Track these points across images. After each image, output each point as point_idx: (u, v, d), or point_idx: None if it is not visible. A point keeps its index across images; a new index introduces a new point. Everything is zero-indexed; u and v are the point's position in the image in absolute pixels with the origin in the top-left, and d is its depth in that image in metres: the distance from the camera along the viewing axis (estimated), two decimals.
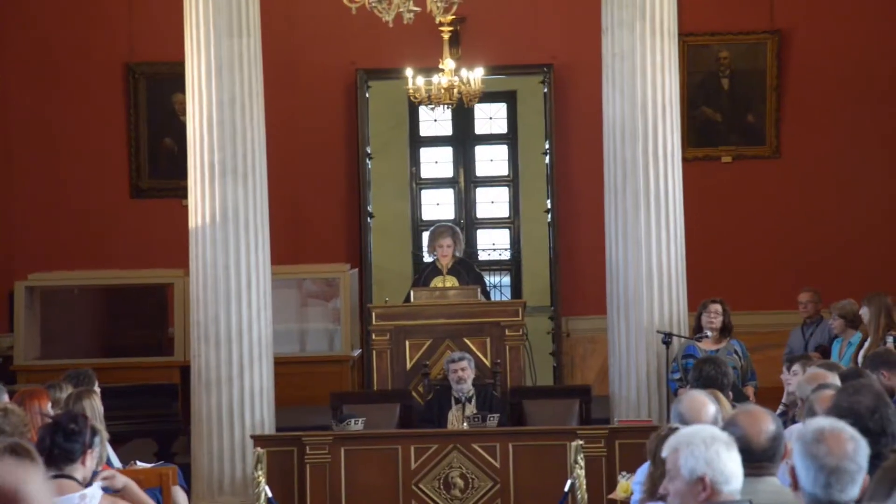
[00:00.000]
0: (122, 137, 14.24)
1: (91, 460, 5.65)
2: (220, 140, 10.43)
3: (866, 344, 9.75)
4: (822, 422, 3.99)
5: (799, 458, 3.86)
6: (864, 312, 9.79)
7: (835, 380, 5.57)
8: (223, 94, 10.44)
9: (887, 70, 14.03)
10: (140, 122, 14.19)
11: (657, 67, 10.60)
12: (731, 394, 7.52)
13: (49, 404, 7.33)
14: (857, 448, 3.86)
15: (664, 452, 3.99)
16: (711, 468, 3.86)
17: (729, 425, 4.58)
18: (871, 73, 14.04)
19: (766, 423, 4.62)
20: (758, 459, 4.53)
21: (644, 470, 5.71)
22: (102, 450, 6.91)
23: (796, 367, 7.98)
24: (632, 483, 6.15)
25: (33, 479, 3.04)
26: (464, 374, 10.20)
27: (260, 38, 10.67)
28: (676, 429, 4.55)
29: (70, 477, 5.47)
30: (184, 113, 10.96)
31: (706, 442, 3.89)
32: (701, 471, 3.86)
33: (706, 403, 5.47)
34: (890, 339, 9.12)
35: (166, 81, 13.88)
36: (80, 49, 14.16)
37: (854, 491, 3.86)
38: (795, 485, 3.90)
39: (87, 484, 5.62)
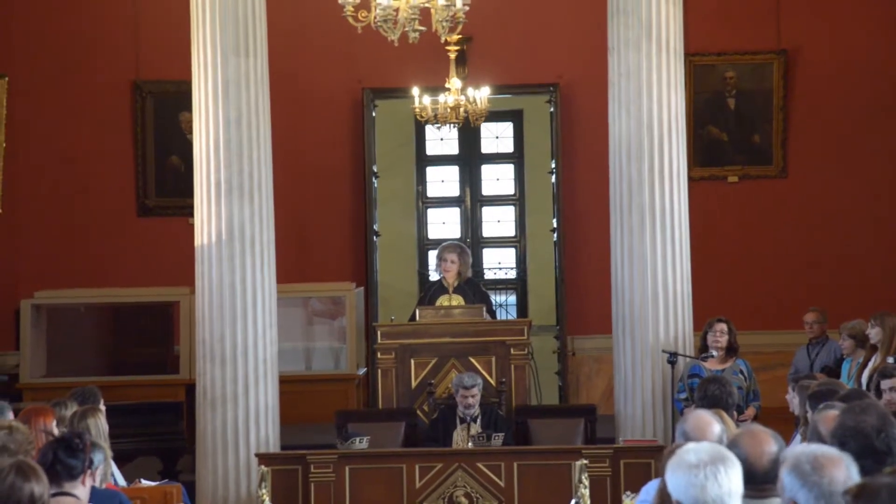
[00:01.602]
0: (128, 156, 14.27)
1: (91, 480, 5.65)
2: (227, 158, 10.45)
3: (871, 363, 9.72)
4: (813, 449, 3.98)
5: (802, 491, 3.85)
6: (875, 332, 9.75)
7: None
8: (230, 113, 10.45)
9: (893, 90, 14.04)
10: (147, 141, 14.23)
11: (663, 87, 10.61)
12: (735, 414, 7.50)
13: (54, 422, 7.32)
14: (848, 467, 3.87)
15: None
16: None
17: (731, 446, 4.56)
18: (876, 93, 14.05)
19: (768, 444, 4.60)
20: (761, 481, 4.51)
21: (648, 489, 5.71)
22: (107, 467, 6.91)
23: (791, 391, 7.98)
24: (636, 502, 6.13)
25: None
26: (473, 401, 10.19)
27: (267, 57, 10.69)
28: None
29: (71, 494, 5.46)
30: (190, 131, 10.98)
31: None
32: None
33: (711, 423, 5.46)
34: (890, 360, 9.09)
35: (173, 100, 13.92)
36: (87, 67, 14.20)
37: None
38: None
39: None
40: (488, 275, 16.49)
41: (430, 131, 15.71)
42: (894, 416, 5.02)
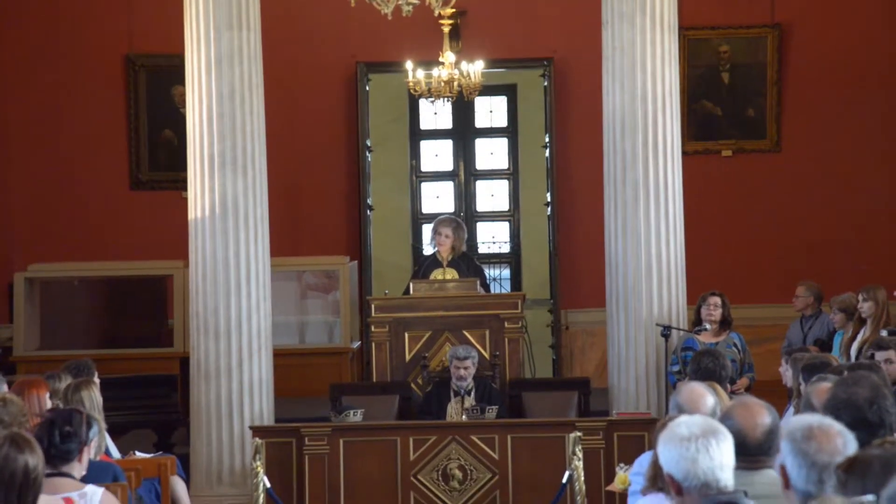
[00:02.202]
0: (121, 129, 14.24)
1: (88, 455, 5.65)
2: (220, 132, 10.44)
3: (859, 336, 9.75)
4: (810, 419, 3.98)
5: (790, 457, 3.85)
6: (868, 305, 9.76)
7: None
8: (223, 87, 10.44)
9: (887, 63, 14.03)
10: (140, 115, 14.20)
11: (657, 61, 10.60)
12: (728, 386, 7.53)
13: (48, 394, 7.33)
14: (847, 443, 3.87)
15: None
16: None
17: (725, 418, 4.58)
18: (871, 67, 14.04)
19: (761, 416, 4.61)
20: (754, 453, 4.53)
21: (642, 461, 5.72)
22: (101, 440, 6.93)
23: (784, 364, 8.01)
24: (629, 474, 6.15)
25: None
26: (465, 373, 10.21)
27: (260, 30, 10.67)
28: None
29: (68, 475, 5.47)
30: (184, 105, 10.96)
31: None
32: None
33: (704, 395, 5.47)
34: (884, 333, 9.11)
35: (166, 74, 13.88)
36: (79, 41, 14.15)
37: None
38: (787, 483, 3.89)
39: (84, 477, 5.63)
40: (482, 249, 16.47)
41: (424, 105, 15.66)
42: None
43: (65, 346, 12.56)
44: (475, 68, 12.83)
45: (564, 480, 8.86)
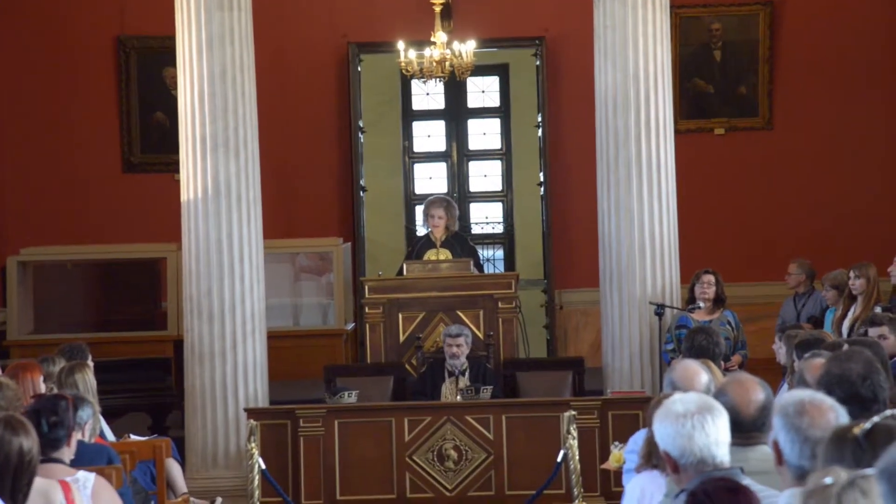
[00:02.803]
0: (113, 112, 14.20)
1: (76, 439, 5.64)
2: (212, 113, 10.41)
3: (850, 313, 9.75)
4: (802, 394, 3.98)
5: (782, 433, 3.85)
6: (861, 283, 9.75)
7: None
8: (214, 68, 10.41)
9: (879, 41, 14.02)
10: (131, 97, 14.15)
11: (649, 39, 10.59)
12: (722, 363, 7.53)
13: (41, 378, 7.33)
14: (839, 417, 3.87)
15: None
16: None
17: (719, 395, 4.58)
18: (863, 44, 14.02)
19: (755, 392, 4.62)
20: (748, 429, 4.53)
21: (636, 438, 5.73)
22: (96, 422, 6.93)
23: (778, 341, 8.01)
24: (624, 452, 6.16)
25: None
26: (458, 351, 10.22)
27: (251, 11, 10.64)
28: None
29: (58, 460, 5.46)
30: (175, 87, 10.93)
31: None
32: None
33: (699, 372, 5.48)
34: (878, 310, 9.12)
35: (157, 55, 13.84)
36: (71, 24, 14.10)
37: None
38: (779, 459, 3.89)
39: (78, 460, 5.62)
40: (475, 229, 16.47)
41: (416, 86, 15.64)
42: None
43: (58, 330, 12.55)
44: (467, 48, 12.79)
45: (559, 459, 8.88)
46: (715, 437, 4.01)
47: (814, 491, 2.92)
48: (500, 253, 16.53)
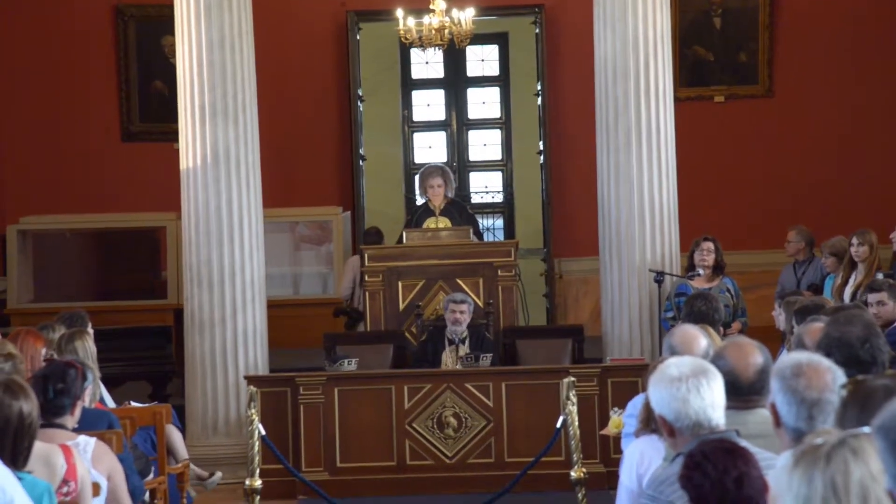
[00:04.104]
0: (112, 81, 14.18)
1: (80, 408, 5.66)
2: (211, 81, 10.38)
3: (851, 280, 9.75)
4: (799, 356, 3.97)
5: (779, 394, 3.85)
6: (863, 250, 9.74)
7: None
8: (213, 35, 10.38)
9: (879, 8, 13.97)
10: (130, 66, 14.12)
11: (648, 6, 10.55)
12: (722, 329, 7.54)
13: (43, 347, 7.33)
14: (836, 378, 3.86)
15: None
16: None
17: (717, 358, 4.58)
18: (863, 12, 13.98)
19: (753, 356, 4.61)
20: (746, 393, 4.52)
21: (635, 403, 5.74)
22: (95, 388, 6.94)
23: (778, 308, 8.03)
24: (623, 417, 6.17)
25: None
26: (461, 317, 10.22)
27: None
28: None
29: (61, 426, 5.49)
30: (174, 56, 10.90)
31: None
32: None
33: (698, 337, 5.48)
34: (879, 275, 9.12)
35: (155, 24, 13.80)
36: None
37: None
38: (777, 422, 3.89)
39: (78, 425, 5.64)
40: (475, 199, 16.46)
41: (416, 55, 15.61)
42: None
43: (58, 299, 12.55)
44: (466, 15, 12.74)
45: (558, 425, 8.89)
46: (710, 400, 4.02)
47: (804, 451, 2.91)
48: (499, 222, 16.53)
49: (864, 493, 2.84)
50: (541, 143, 14.47)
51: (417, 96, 16.50)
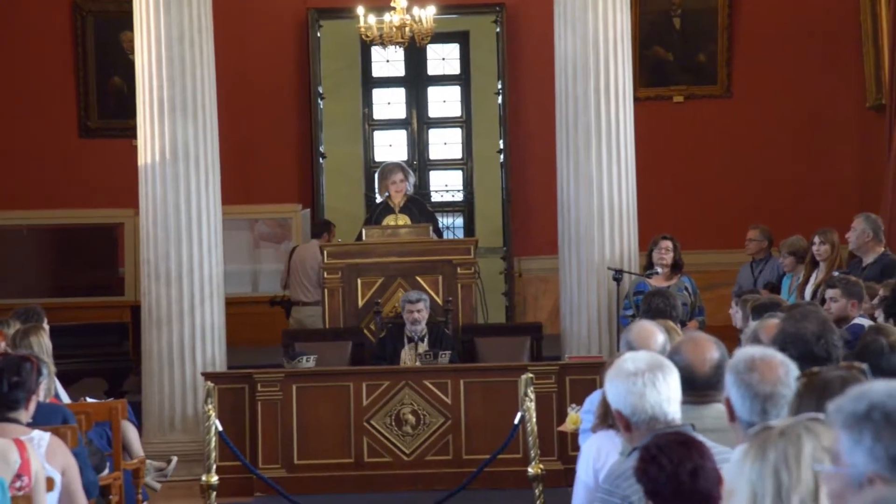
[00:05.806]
0: (69, 77, 14.09)
1: (35, 403, 5.62)
2: (170, 76, 10.33)
3: (812, 279, 9.79)
4: (752, 350, 4.00)
5: (733, 389, 3.87)
6: (825, 249, 9.76)
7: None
8: (172, 30, 10.33)
9: (837, 9, 14.06)
10: (88, 61, 14.04)
11: (608, 5, 10.58)
12: (679, 327, 7.54)
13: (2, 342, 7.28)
14: (789, 372, 3.88)
15: None
16: None
17: (673, 353, 4.60)
18: (821, 13, 14.07)
19: (709, 351, 4.63)
20: (702, 388, 4.54)
21: (593, 399, 5.74)
22: (50, 382, 6.89)
23: (735, 305, 8.06)
24: (580, 413, 6.17)
25: None
26: (419, 316, 10.21)
27: None
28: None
29: (14, 420, 5.44)
30: (132, 51, 10.85)
31: None
32: None
33: (655, 332, 5.48)
34: (835, 273, 9.16)
35: (114, 19, 13.73)
36: None
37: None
38: (731, 416, 3.91)
39: (33, 419, 5.60)
40: (435, 197, 16.45)
41: (376, 52, 15.58)
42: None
43: (15, 295, 12.47)
44: (427, 14, 12.74)
45: (516, 421, 8.89)
46: (666, 395, 4.03)
47: (758, 434, 2.95)
48: (459, 221, 16.52)
49: (815, 463, 2.87)
50: (501, 142, 14.48)
51: (378, 94, 16.47)
